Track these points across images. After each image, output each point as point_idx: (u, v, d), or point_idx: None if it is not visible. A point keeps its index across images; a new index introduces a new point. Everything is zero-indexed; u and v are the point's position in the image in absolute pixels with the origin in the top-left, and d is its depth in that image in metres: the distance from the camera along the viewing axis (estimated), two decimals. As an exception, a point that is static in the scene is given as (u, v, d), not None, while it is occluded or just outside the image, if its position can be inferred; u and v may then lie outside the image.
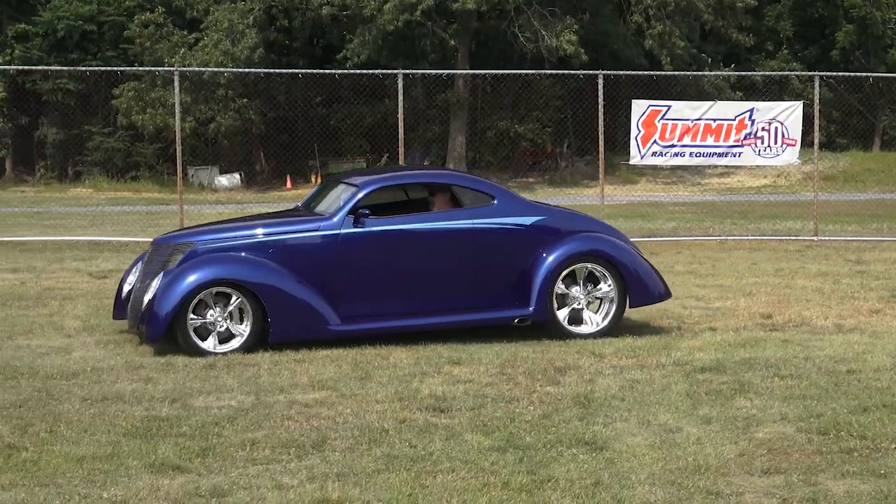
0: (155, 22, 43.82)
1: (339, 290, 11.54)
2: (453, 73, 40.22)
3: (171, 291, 11.05)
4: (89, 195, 38.92)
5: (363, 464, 7.44)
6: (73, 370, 10.24)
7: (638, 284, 12.19)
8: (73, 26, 44.67)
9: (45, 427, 8.31)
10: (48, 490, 6.91)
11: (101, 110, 45.81)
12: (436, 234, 11.92)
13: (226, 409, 8.89)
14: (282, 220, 12.26)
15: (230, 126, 42.76)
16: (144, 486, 6.96)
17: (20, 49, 45.48)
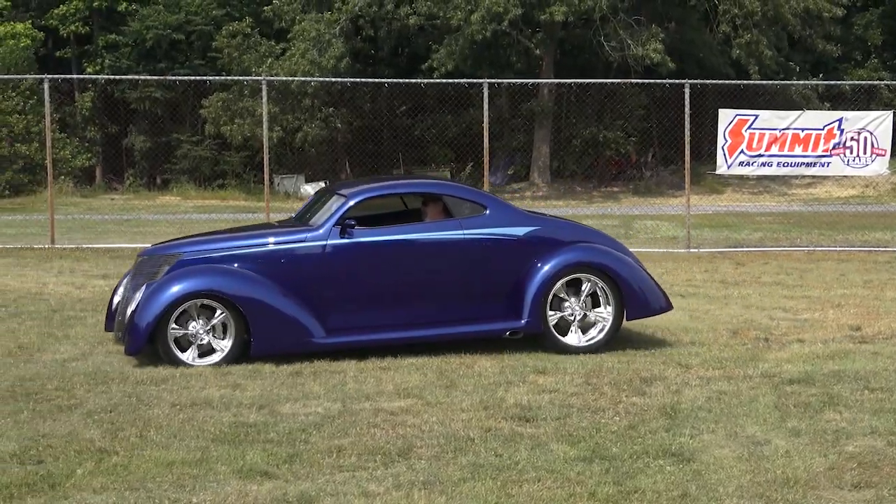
0: (242, 32, 44.25)
1: (326, 302, 11.39)
2: (538, 83, 40.17)
3: (151, 303, 10.95)
4: (177, 203, 39.37)
5: (449, 472, 7.45)
6: (163, 376, 10.38)
7: (635, 296, 11.90)
8: (161, 36, 45.21)
9: (135, 432, 8.43)
10: (138, 494, 7.00)
11: (188, 119, 46.34)
12: (425, 245, 11.73)
13: (312, 415, 8.95)
14: (269, 231, 12.11)
15: (316, 135, 43.05)
16: (233, 492, 7.03)
17: (110, 58, 46.14)
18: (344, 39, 42.56)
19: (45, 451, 7.92)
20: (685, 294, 15.84)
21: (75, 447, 7.99)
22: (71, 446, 8.02)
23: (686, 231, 23.17)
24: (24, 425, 8.60)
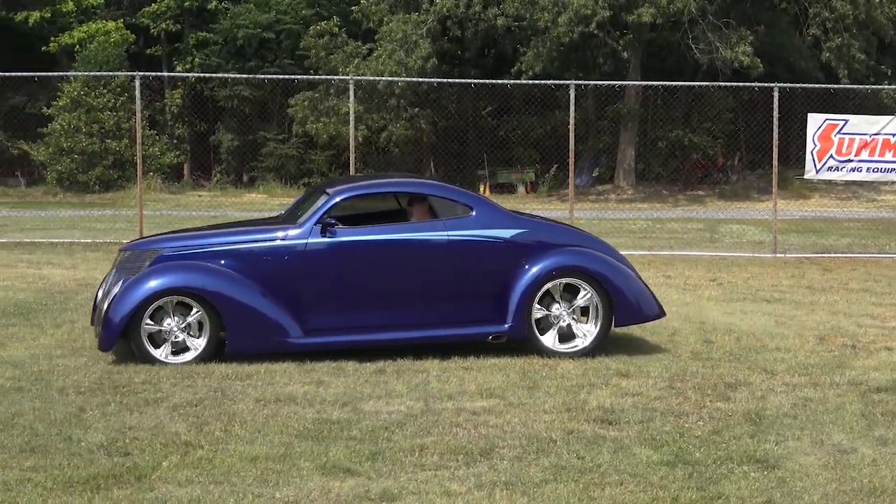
0: (329, 32, 44.51)
1: (304, 301, 11.23)
2: (625, 85, 39.99)
3: (125, 299, 10.88)
4: (263, 200, 39.69)
5: (531, 473, 7.44)
6: (248, 371, 10.47)
7: (625, 302, 11.61)
8: (251, 34, 45.61)
9: (219, 426, 8.51)
10: (222, 488, 7.07)
11: (276, 117, 46.71)
12: (407, 246, 11.49)
13: (395, 414, 8.98)
14: (251, 229, 12.01)
15: (401, 135, 43.19)
16: (315, 488, 7.08)
17: (200, 57, 46.64)
18: (431, 40, 42.63)
19: (132, 443, 8.03)
20: (771, 299, 15.69)
21: (161, 440, 8.10)
22: (157, 439, 8.12)
23: (772, 236, 22.92)
24: (112, 417, 8.73)
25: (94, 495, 6.88)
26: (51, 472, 7.28)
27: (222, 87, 45.26)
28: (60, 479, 7.13)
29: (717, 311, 14.63)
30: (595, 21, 39.21)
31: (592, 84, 35.22)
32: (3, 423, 8.46)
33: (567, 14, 39.00)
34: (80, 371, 10.38)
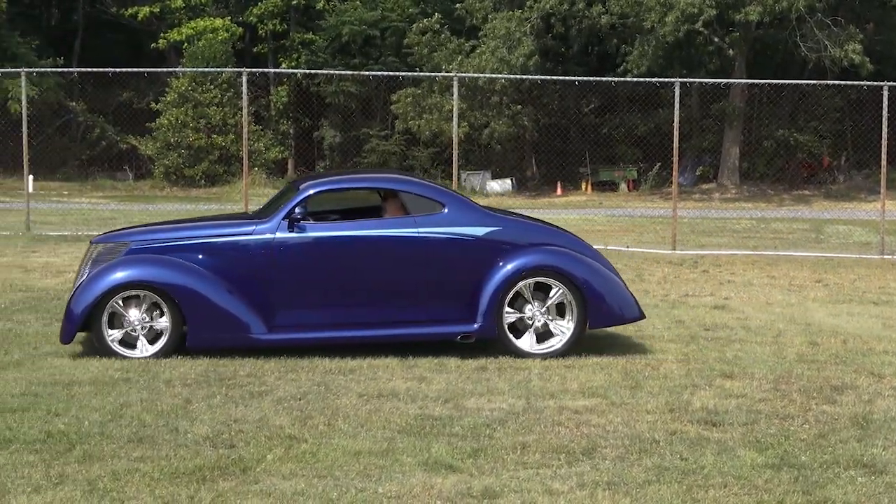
0: (431, 29, 44.63)
1: (270, 297, 11.10)
2: (730, 83, 39.60)
3: (86, 291, 10.81)
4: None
5: (633, 474, 7.40)
6: (351, 366, 10.54)
7: (600, 304, 11.31)
8: (356, 31, 45.92)
9: (323, 420, 8.58)
10: (326, 482, 7.12)
11: (379, 114, 46.98)
12: (374, 242, 11.28)
13: (497, 411, 8.98)
14: (222, 223, 11.83)
15: (503, 132, 43.20)
16: (418, 484, 7.10)
17: (306, 54, 47.07)
18: (534, 37, 42.57)
19: (237, 435, 8.12)
20: (878, 301, 15.44)
21: (265, 433, 8.18)
22: (261, 432, 8.21)
23: (880, 237, 22.55)
24: (217, 410, 8.84)
25: (200, 486, 6.97)
26: (158, 463, 7.40)
27: (327, 83, 45.63)
28: (167, 470, 7.24)
29: (823, 312, 14.42)
30: (701, 20, 38.89)
31: (698, 82, 34.88)
32: (112, 414, 8.61)
33: (674, 13, 38.72)
34: (186, 363, 10.53)
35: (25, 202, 25.35)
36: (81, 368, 10.22)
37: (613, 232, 26.56)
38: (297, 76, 45.55)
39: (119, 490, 6.86)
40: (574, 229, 26.21)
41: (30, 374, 9.96)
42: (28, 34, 47.50)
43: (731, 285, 16.96)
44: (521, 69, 40.93)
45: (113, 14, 50.17)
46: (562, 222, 28.27)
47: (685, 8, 38.41)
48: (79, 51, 51.29)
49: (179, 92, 43.18)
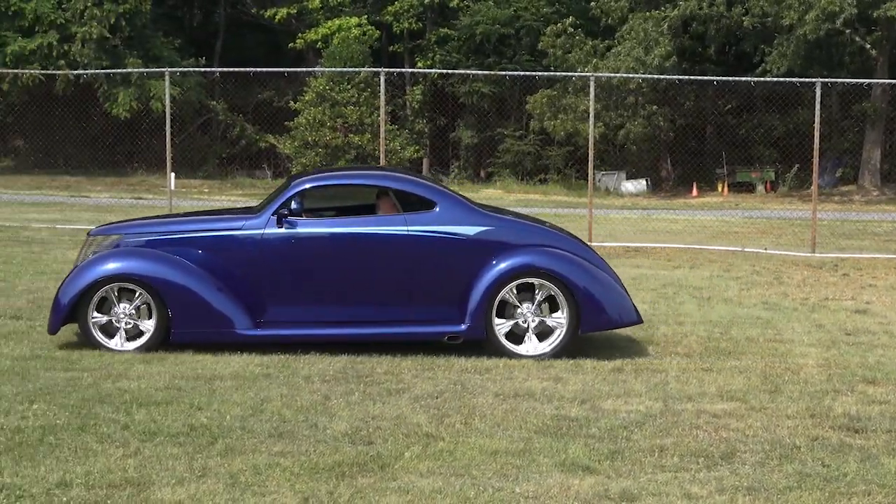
0: (565, 31, 44.47)
1: (256, 293, 11.08)
2: (872, 83, 38.80)
3: (72, 284, 10.94)
4: (500, 196, 39.96)
5: (773, 479, 7.29)
6: (487, 365, 10.56)
7: (592, 306, 11.08)
8: (490, 31, 46.00)
9: (460, 419, 8.61)
10: (463, 480, 7.14)
11: (514, 114, 47.01)
12: (363, 240, 11.17)
13: (634, 413, 8.92)
14: (214, 218, 11.82)
15: (638, 132, 42.91)
16: (555, 484, 7.09)
17: (441, 53, 47.30)
18: (671, 38, 42.19)
19: (375, 432, 8.19)
20: None
21: (403, 430, 8.24)
22: (399, 429, 8.27)
23: None
24: (356, 406, 8.92)
25: (339, 482, 7.04)
26: (297, 458, 7.49)
27: (462, 83, 45.77)
28: (307, 465, 7.33)
29: (970, 318, 14.06)
30: (842, 18, 38.17)
31: (839, 82, 34.23)
32: (253, 409, 8.75)
33: (814, 11, 38.06)
34: (324, 360, 10.65)
35: (168, 199, 25.86)
36: (223, 363, 10.40)
37: (750, 234, 26.21)
38: (433, 76, 45.76)
39: (260, 484, 6.97)
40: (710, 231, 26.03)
41: (173, 368, 10.17)
42: (171, 35, 48.49)
43: (873, 289, 16.62)
44: (658, 70, 40.60)
45: (253, 15, 50.97)
46: (697, 224, 28.07)
47: (825, 6, 37.73)
48: (219, 51, 52.21)
49: (317, 91, 43.65)
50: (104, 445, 7.65)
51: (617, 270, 17.78)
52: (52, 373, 9.84)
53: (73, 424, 8.11)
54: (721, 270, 18.56)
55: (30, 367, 10.01)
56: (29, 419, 8.23)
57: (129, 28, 44.58)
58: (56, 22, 44.06)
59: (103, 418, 8.31)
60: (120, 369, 10.06)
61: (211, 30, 54.84)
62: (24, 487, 6.72)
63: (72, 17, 44.17)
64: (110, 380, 9.62)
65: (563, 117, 42.63)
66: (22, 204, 30.09)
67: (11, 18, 44.39)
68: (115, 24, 43.98)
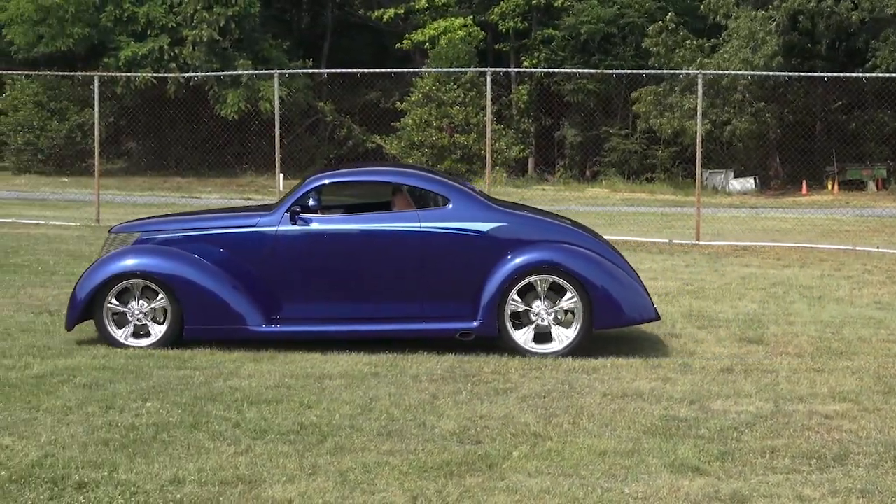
0: (667, 28, 44.10)
1: (269, 290, 11.10)
2: None
3: (88, 280, 11.08)
4: (606, 195, 39.79)
5: (888, 482, 7.17)
6: (594, 365, 10.52)
7: (605, 303, 10.94)
8: (595, 30, 45.82)
9: (567, 419, 8.59)
10: (571, 480, 7.13)
11: (619, 112, 46.77)
12: (376, 237, 11.14)
13: (744, 414, 8.83)
14: (230, 215, 11.87)
15: (745, 129, 42.44)
16: (664, 485, 7.05)
17: (546, 52, 47.22)
18: (778, 35, 41.66)
19: (483, 431, 8.20)
20: None
21: (511, 430, 8.24)
22: (507, 429, 8.27)
23: None
24: (464, 406, 8.94)
25: (448, 481, 7.07)
26: (406, 457, 7.53)
27: (567, 81, 45.64)
28: (415, 464, 7.37)
29: None
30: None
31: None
32: (362, 407, 8.81)
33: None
34: (432, 359, 10.69)
35: (276, 200, 26.10)
36: (332, 362, 10.49)
37: (862, 232, 25.77)
38: (538, 75, 45.68)
39: (369, 482, 7.02)
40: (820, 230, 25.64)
41: (283, 367, 10.28)
42: (279, 37, 48.99)
43: None
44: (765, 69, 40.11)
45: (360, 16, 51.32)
46: (807, 222, 27.68)
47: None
48: (327, 52, 52.64)
49: (424, 92, 43.83)
50: (216, 443, 7.76)
51: (725, 270, 17.76)
52: (164, 371, 10.01)
53: (186, 422, 8.24)
54: (832, 269, 18.28)
55: (143, 366, 10.19)
56: (143, 416, 8.38)
57: (239, 31, 45.13)
58: (167, 26, 44.78)
59: (215, 416, 8.43)
60: (231, 368, 10.20)
61: (318, 31, 55.32)
62: (139, 484, 6.85)
63: (182, 20, 44.86)
64: (221, 378, 9.75)
65: (669, 115, 42.29)
66: (135, 205, 30.59)
67: (125, 23, 45.20)
68: (224, 26, 44.57)
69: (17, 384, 9.31)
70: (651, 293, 14.54)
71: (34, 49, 44.66)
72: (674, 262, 18.96)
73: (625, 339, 11.88)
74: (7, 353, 10.52)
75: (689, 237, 22.48)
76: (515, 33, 49.50)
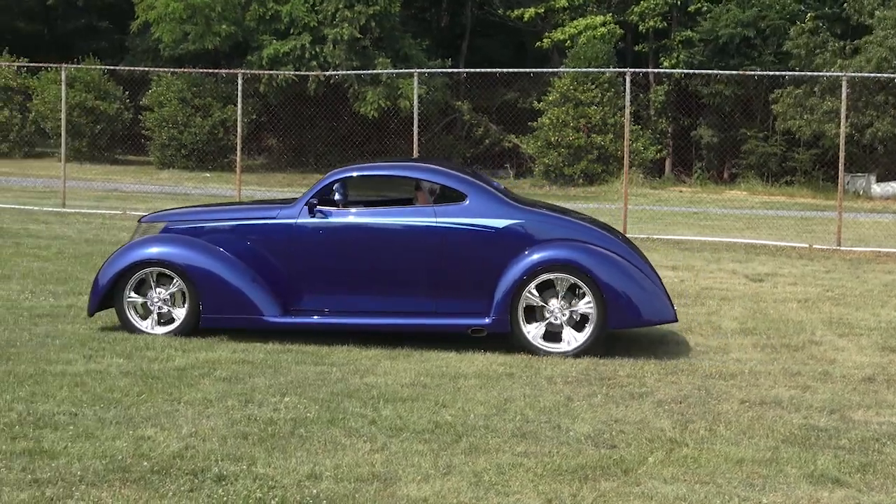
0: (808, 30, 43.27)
1: (286, 281, 11.33)
2: None
3: (109, 267, 11.45)
4: (744, 198, 39.25)
5: None
6: (731, 371, 10.40)
7: (620, 302, 10.87)
8: (734, 32, 45.20)
9: (704, 425, 8.50)
10: (708, 488, 7.05)
11: (758, 114, 46.09)
12: (392, 231, 11.28)
13: (886, 425, 8.64)
14: (253, 207, 12.04)
15: (888, 132, 41.47)
16: (803, 496, 6.94)
17: (685, 54, 46.75)
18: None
19: (618, 436, 8.16)
20: None
21: (647, 435, 8.18)
22: (642, 434, 8.21)
23: None
24: (599, 409, 8.91)
25: (582, 485, 7.04)
26: (541, 459, 7.52)
27: (705, 84, 45.13)
28: (550, 467, 7.35)
29: None
30: None
31: None
32: (496, 408, 8.83)
33: None
34: (566, 361, 10.67)
35: (413, 198, 26.27)
36: (467, 362, 10.53)
37: None
38: (677, 76, 45.25)
39: (503, 484, 7.02)
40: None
41: (418, 365, 10.34)
42: (419, 36, 49.26)
43: None
44: (910, 69, 39.15)
45: (500, 16, 51.33)
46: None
47: None
48: (465, 51, 52.79)
49: (561, 91, 43.69)
50: (352, 440, 7.84)
51: (867, 276, 17.41)
52: (302, 367, 10.15)
53: (323, 418, 8.34)
54: (980, 278, 17.80)
55: (282, 361, 10.35)
56: (281, 411, 8.50)
57: (379, 29, 45.44)
58: (309, 25, 45.29)
59: (351, 413, 8.52)
60: (367, 365, 10.30)
61: (457, 31, 55.47)
62: (277, 478, 6.95)
63: (324, 19, 45.33)
64: (358, 375, 9.85)
65: (808, 117, 41.54)
66: (275, 200, 30.98)
67: (268, 22, 45.83)
68: (365, 25, 44.91)
69: (159, 376, 9.52)
70: (790, 299, 14.41)
71: (180, 46, 45.53)
72: (814, 268, 18.63)
73: (763, 345, 11.73)
74: (150, 346, 10.76)
75: (829, 242, 22.06)
76: (655, 33, 49.05)
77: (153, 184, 37.32)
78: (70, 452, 7.27)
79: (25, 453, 7.22)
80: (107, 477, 6.83)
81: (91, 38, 54.60)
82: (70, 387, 8.98)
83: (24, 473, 6.83)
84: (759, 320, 13.18)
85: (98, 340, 10.93)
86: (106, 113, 46.33)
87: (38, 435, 7.63)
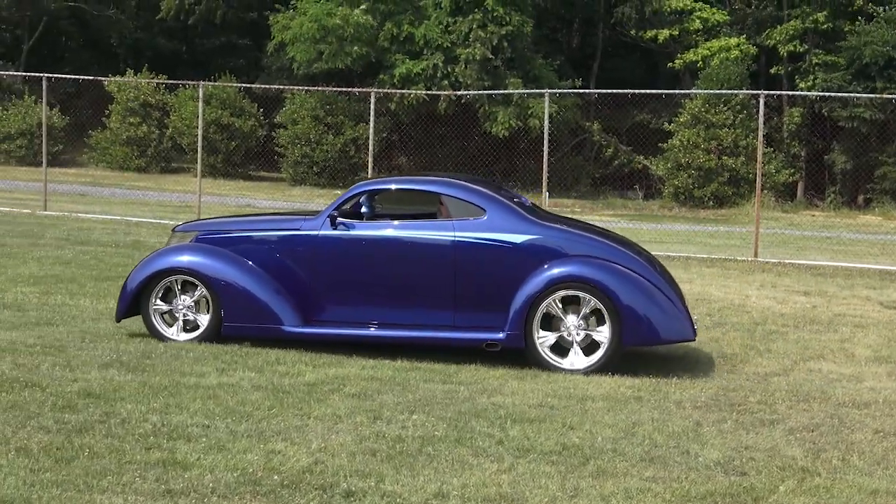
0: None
1: (306, 292, 11.54)
2: None
3: (136, 274, 11.78)
4: (878, 223, 38.49)
5: None
6: (865, 400, 10.20)
7: (635, 320, 10.85)
8: (878, 52, 44.30)
9: (837, 455, 8.35)
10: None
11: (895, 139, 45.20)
12: (411, 245, 11.41)
13: None
14: (279, 219, 12.24)
15: None
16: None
17: (822, 77, 46.01)
18: None
19: (748, 463, 8.06)
20: None
21: (777, 463, 8.06)
22: (773, 462, 8.10)
23: None
24: (728, 435, 8.80)
25: (711, 511, 6.98)
26: (669, 484, 7.46)
27: (843, 107, 44.35)
28: (678, 492, 7.29)
29: None
30: None
31: None
32: (624, 431, 8.78)
33: None
34: (696, 385, 10.58)
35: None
36: (594, 384, 10.49)
37: None
38: (814, 98, 44.56)
39: (632, 508, 6.99)
40: None
41: (546, 386, 10.33)
42: (550, 56, 49.24)
43: None
44: None
45: (632, 37, 51.10)
46: None
47: None
48: (596, 72, 52.64)
49: (692, 113, 43.34)
50: (479, 459, 7.86)
51: None
52: (430, 384, 10.20)
53: (451, 437, 8.37)
54: None
55: (410, 378, 10.42)
56: (409, 429, 8.56)
57: (511, 49, 45.54)
58: (443, 45, 45.57)
59: (479, 432, 8.53)
60: (494, 384, 10.32)
61: (588, 51, 55.34)
62: (404, 496, 6.99)
63: (457, 39, 45.56)
64: (485, 394, 9.87)
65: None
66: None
67: (402, 43, 46.22)
68: (497, 45, 45.04)
69: (289, 391, 9.65)
70: (925, 328, 14.05)
71: (314, 65, 46.08)
72: (952, 296, 18.20)
73: None
74: (281, 360, 10.91)
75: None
76: (790, 56, 48.39)
77: (285, 200, 37.82)
78: (202, 464, 7.40)
79: (159, 464, 7.37)
80: (238, 489, 6.94)
81: (228, 56, 55.54)
82: (203, 399, 9.15)
83: (157, 484, 6.97)
84: (894, 348, 12.92)
85: (230, 354, 11.12)
86: (241, 130, 47.12)
87: (172, 446, 7.78)
